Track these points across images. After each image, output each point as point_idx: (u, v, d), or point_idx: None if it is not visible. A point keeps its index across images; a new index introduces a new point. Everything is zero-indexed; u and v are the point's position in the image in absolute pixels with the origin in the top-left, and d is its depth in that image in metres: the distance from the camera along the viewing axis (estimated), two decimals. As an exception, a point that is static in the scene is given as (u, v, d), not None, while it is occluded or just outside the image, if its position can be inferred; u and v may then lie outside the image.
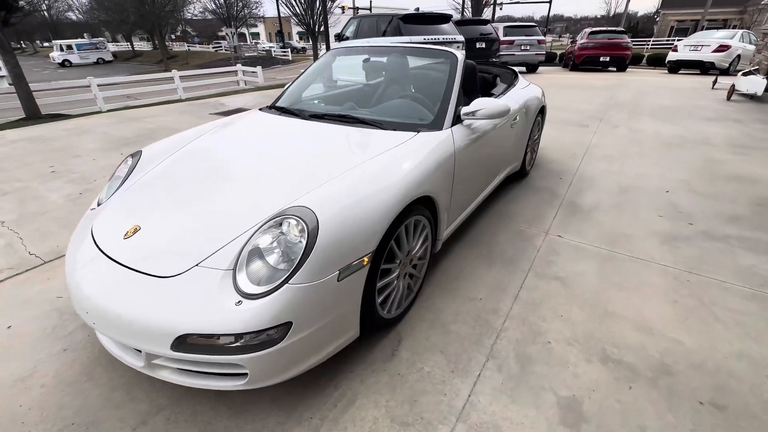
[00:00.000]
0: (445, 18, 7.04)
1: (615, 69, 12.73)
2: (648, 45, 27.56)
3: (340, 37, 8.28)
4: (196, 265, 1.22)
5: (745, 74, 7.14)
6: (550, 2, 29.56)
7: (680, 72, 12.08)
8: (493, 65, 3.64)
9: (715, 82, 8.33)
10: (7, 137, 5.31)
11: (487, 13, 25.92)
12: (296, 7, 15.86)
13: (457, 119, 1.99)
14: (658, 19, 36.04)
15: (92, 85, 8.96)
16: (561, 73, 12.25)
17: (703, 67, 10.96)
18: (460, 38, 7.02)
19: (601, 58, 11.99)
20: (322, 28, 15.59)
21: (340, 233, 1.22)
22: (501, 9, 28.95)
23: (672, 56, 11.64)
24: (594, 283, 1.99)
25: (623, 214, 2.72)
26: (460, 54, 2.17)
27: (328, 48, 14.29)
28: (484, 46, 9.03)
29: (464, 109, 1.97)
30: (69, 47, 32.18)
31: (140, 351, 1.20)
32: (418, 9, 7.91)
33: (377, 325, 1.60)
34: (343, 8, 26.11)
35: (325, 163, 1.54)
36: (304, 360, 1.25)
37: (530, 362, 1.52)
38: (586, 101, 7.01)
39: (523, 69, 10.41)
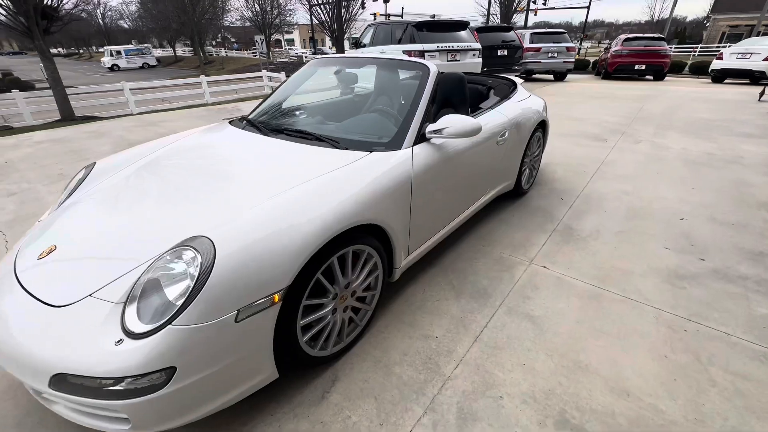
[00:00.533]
0: (461, 25, 6.84)
1: (652, 78, 11.95)
2: (695, 52, 25.88)
3: (357, 44, 8.26)
4: (89, 295, 1.13)
5: (798, 86, 6.43)
6: (588, 7, 28.46)
7: (725, 82, 11.15)
8: (491, 76, 3.42)
9: (762, 93, 7.58)
10: (34, 138, 5.64)
11: (519, 20, 25.30)
12: (323, 15, 16.12)
13: (421, 138, 1.82)
14: (708, 24, 33.82)
15: (125, 90, 9.45)
16: (591, 82, 11.65)
17: (753, 77, 10.04)
18: (477, 46, 6.78)
19: (636, 67, 11.28)
20: (347, 35, 15.77)
21: (242, 269, 1.10)
22: (536, 15, 28.19)
23: (716, 64, 10.77)
24: (571, 326, 1.75)
25: (625, 244, 2.42)
26: (433, 67, 2.00)
27: (352, 54, 14.37)
28: (506, 53, 8.71)
29: (431, 127, 1.81)
30: (118, 53, 34.47)
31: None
32: (434, 16, 7.74)
33: (307, 364, 1.46)
34: (374, 15, 26.34)
35: (254, 188, 1.42)
36: (198, 406, 1.13)
37: (472, 421, 1.33)
38: (610, 113, 6.55)
39: (519, 80, 9.99)
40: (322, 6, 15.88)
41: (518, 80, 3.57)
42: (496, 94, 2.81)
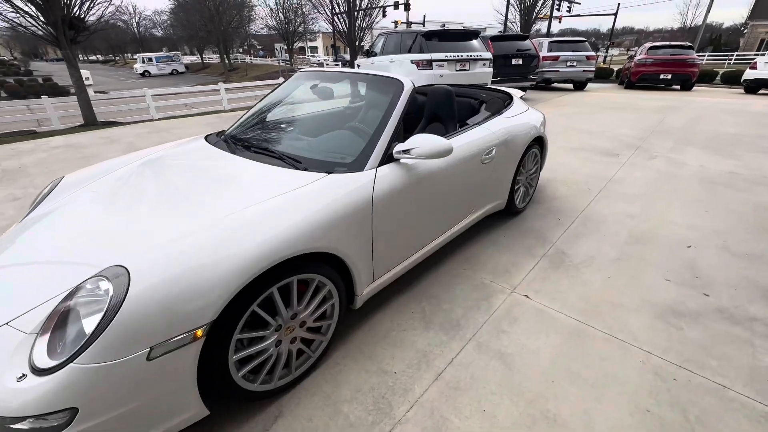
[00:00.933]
0: (472, 34, 6.71)
1: (679, 88, 11.40)
2: (731, 60, 24.68)
3: (368, 53, 8.26)
4: (6, 323, 1.09)
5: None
6: (615, 14, 27.67)
7: (759, 93, 10.49)
8: (486, 89, 3.29)
9: (800, 106, 7.06)
10: (51, 143, 5.88)
11: (542, 28, 24.86)
12: (340, 24, 16.32)
13: (389, 158, 1.73)
14: (745, 31, 32.23)
15: (146, 96, 9.81)
16: (613, 92, 11.22)
17: (791, 88, 9.40)
18: (487, 55, 6.63)
19: (662, 76, 10.79)
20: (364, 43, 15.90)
21: (158, 303, 1.03)
22: (560, 22, 27.62)
23: (749, 74, 10.16)
24: (545, 367, 1.60)
25: (621, 274, 2.23)
26: (408, 83, 1.90)
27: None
28: (521, 62, 8.50)
29: (399, 147, 1.71)
30: (149, 59, 36.07)
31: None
32: (443, 25, 7.64)
33: (247, 398, 1.38)
34: (396, 23, 26.50)
35: (195, 212, 1.36)
36: (109, 448, 1.06)
37: (414, 476, 1.20)
38: (628, 125, 6.24)
39: (519, 93, 9.72)
40: (340, 15, 16.10)
41: (517, 93, 3.43)
42: (488, 109, 2.67)
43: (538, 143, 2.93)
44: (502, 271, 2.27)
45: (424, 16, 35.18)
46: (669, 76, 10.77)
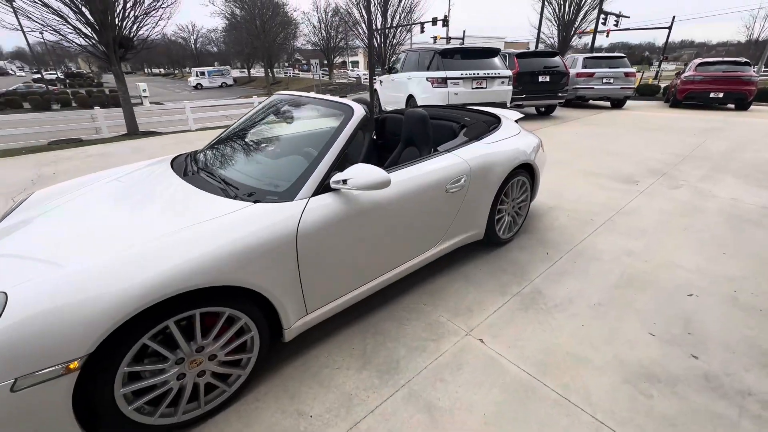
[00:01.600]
0: (491, 52, 6.54)
1: (733, 107, 10.40)
2: (804, 76, 22.28)
3: (390, 70, 8.32)
4: None
5: None
6: (669, 28, 26.03)
7: (833, 114, 9.29)
8: (475, 111, 3.14)
9: None
10: (89, 152, 6.42)
11: (585, 43, 23.89)
12: (373, 40, 16.68)
13: (327, 188, 1.67)
14: (824, 44, 29.04)
15: (186, 108, 10.53)
16: (655, 110, 10.45)
17: None
18: (506, 73, 6.42)
19: (712, 94, 9.90)
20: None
21: (31, 333, 1.03)
22: (608, 36, 26.44)
23: (819, 94, 9.03)
24: (473, 427, 1.43)
25: (598, 322, 1.99)
26: (359, 110, 1.84)
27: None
28: (548, 80, 8.16)
29: (336, 176, 1.65)
30: (202, 73, 38.98)
31: None
32: (462, 42, 7.52)
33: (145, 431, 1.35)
34: (435, 38, 26.70)
35: (104, 240, 1.37)
36: (-24, 475, 1.06)
37: None
38: (660, 148, 5.74)
39: (517, 116, 9.25)
40: (375, 32, 16.46)
41: (514, 115, 3.26)
42: (467, 134, 2.54)
43: (527, 171, 2.74)
44: (464, 309, 2.11)
45: (464, 31, 35.15)
46: (721, 95, 9.85)
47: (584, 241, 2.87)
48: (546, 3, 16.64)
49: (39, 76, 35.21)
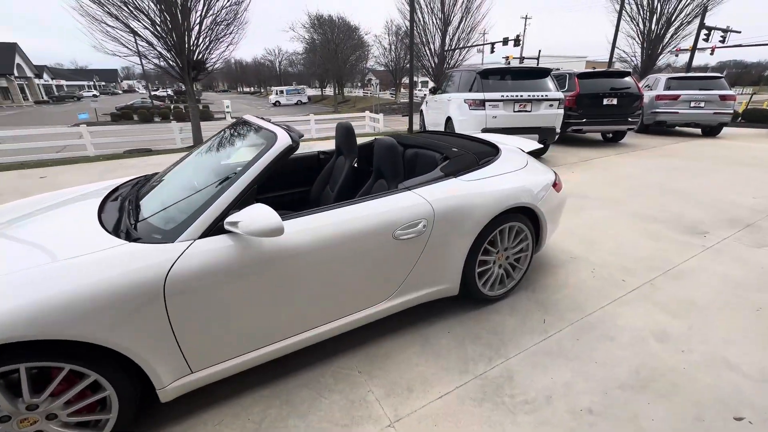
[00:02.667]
0: (540, 72, 5.88)
1: None
2: None
3: (435, 90, 8.02)
4: None
5: None
6: (796, 42, 21.90)
7: None
8: (471, 140, 2.68)
9: None
10: (150, 161, 7.11)
11: (676, 61, 21.16)
12: (430, 60, 16.56)
13: (220, 229, 1.43)
14: None
15: (248, 124, 11.36)
16: (762, 141, 8.58)
17: None
18: (556, 95, 5.69)
19: None
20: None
21: None
22: (712, 54, 23.15)
23: None
24: None
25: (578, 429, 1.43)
26: (283, 138, 1.59)
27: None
28: (615, 102, 7.14)
29: (232, 217, 1.41)
30: (281, 92, 42.50)
31: None
32: (508, 62, 6.93)
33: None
34: (506, 58, 25.88)
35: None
36: None
37: None
38: (751, 191, 4.55)
39: (531, 146, 7.94)
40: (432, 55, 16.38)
41: (527, 145, 2.78)
42: (446, 168, 2.13)
43: (526, 215, 2.23)
44: (403, 387, 1.70)
45: (539, 51, 33.53)
46: None
47: (602, 309, 2.23)
48: (628, 18, 14.99)
49: (154, 93, 41.61)
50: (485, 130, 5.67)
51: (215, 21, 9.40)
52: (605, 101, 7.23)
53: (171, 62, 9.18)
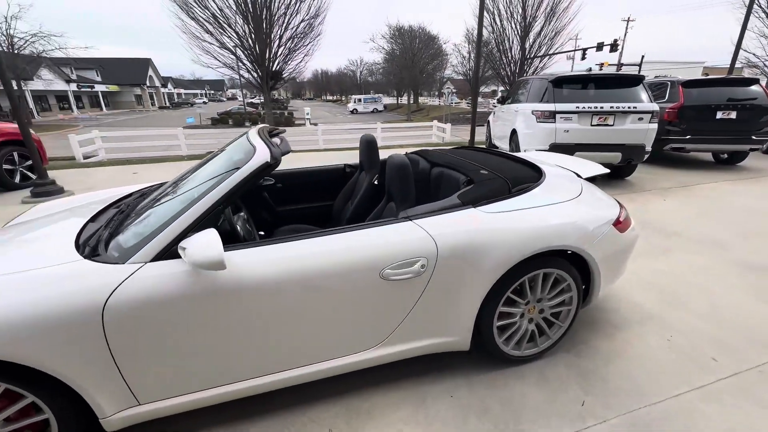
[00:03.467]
0: (630, 80, 4.94)
1: None
2: None
3: (503, 100, 7.41)
4: None
5: None
6: None
7: None
8: (512, 160, 2.22)
9: None
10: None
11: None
12: (506, 68, 15.54)
13: (174, 253, 1.29)
14: None
15: (318, 130, 11.93)
16: None
17: None
18: (649, 107, 4.71)
19: None
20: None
21: None
22: None
23: None
24: None
25: None
26: (261, 154, 1.41)
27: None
28: (734, 117, 5.76)
29: (185, 241, 1.26)
30: (359, 100, 44.25)
31: None
32: (590, 69, 6.00)
33: None
34: (601, 65, 23.50)
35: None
36: None
37: None
38: None
39: (594, 169, 6.21)
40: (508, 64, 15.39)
41: (589, 169, 2.27)
42: (465, 195, 1.74)
43: (569, 260, 1.75)
44: (374, 462, 1.38)
45: (642, 56, 29.70)
46: None
47: (675, 399, 1.64)
48: (762, 13, 12.26)
49: (250, 100, 46.51)
50: (554, 147, 4.97)
51: (294, 34, 10.06)
52: (719, 114, 5.90)
53: (252, 73, 10.03)
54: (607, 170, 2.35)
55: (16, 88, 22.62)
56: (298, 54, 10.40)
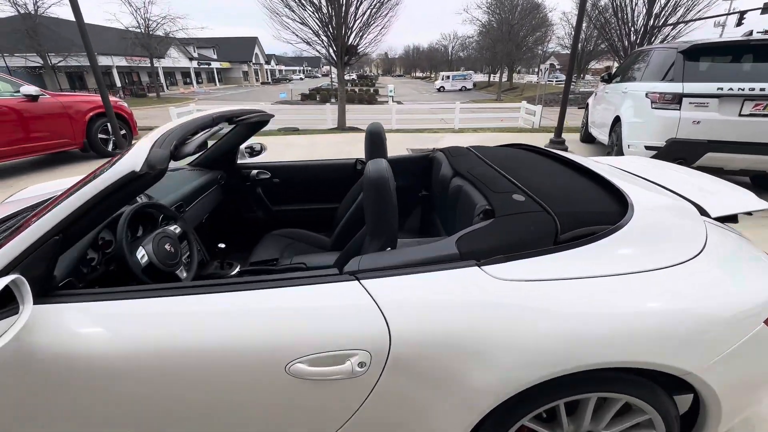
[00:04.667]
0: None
1: None
2: None
3: (609, 78, 5.86)
4: None
5: None
6: None
7: None
8: (580, 173, 1.35)
9: None
10: (286, 140, 7.72)
11: None
12: (623, 39, 12.62)
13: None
14: None
15: (392, 110, 11.39)
16: None
17: None
18: None
19: None
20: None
21: None
22: None
23: None
24: None
25: None
26: (126, 162, 0.92)
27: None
28: None
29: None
30: (447, 77, 42.10)
31: None
32: (751, 33, 4.20)
33: None
34: (750, 33, 18.28)
35: None
36: None
37: None
38: None
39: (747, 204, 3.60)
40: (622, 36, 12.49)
41: (733, 205, 1.34)
42: (465, 242, 1.03)
43: (665, 382, 0.94)
44: None
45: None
46: None
47: None
48: None
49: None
50: (674, 144, 3.62)
51: (371, 6, 9.45)
52: None
53: (328, 48, 9.77)
54: (754, 211, 1.33)
55: (149, 65, 26.71)
56: (374, 28, 9.81)
